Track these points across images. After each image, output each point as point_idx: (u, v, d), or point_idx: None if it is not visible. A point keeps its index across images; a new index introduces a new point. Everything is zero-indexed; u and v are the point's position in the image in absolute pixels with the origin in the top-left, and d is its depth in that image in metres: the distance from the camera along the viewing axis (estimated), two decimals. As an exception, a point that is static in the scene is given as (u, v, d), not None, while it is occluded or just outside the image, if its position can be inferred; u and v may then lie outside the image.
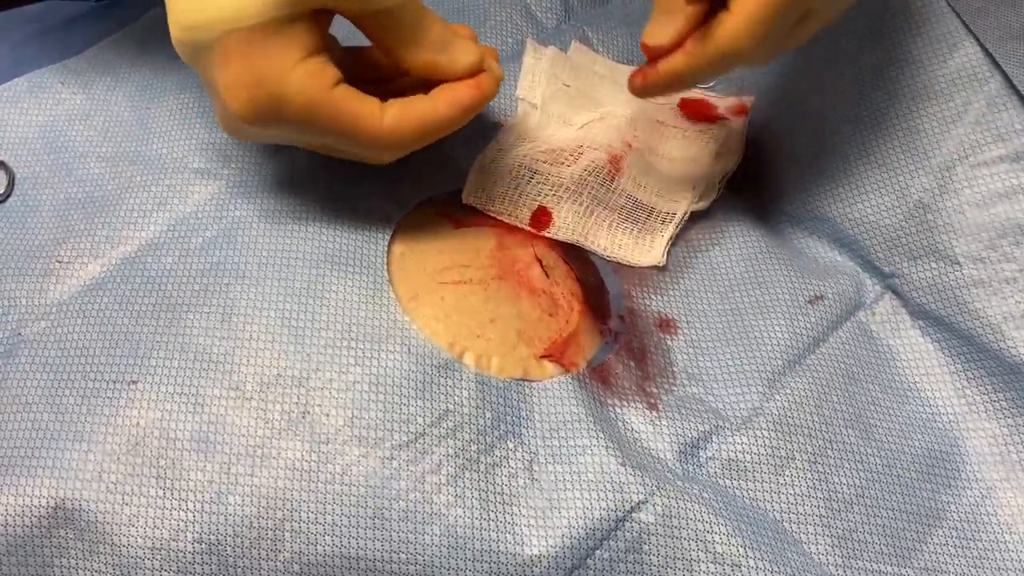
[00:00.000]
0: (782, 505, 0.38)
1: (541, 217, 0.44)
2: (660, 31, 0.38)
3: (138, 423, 0.35)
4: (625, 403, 0.40)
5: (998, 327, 0.40)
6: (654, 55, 0.38)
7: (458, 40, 0.38)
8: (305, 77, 0.34)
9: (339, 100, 0.35)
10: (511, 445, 0.37)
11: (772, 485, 0.38)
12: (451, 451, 0.36)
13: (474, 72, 0.38)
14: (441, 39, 0.37)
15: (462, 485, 0.36)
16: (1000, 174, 0.41)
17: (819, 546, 0.38)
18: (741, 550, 0.36)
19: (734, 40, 0.36)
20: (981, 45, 0.43)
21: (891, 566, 0.38)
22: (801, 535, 0.38)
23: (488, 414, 0.37)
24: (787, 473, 0.39)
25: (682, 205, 0.45)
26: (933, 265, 0.42)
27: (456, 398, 0.37)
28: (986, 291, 0.40)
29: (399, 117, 0.36)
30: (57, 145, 0.43)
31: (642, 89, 0.39)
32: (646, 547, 0.36)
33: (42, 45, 0.46)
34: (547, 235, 0.43)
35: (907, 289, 0.42)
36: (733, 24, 0.36)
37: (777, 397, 0.40)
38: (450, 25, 0.38)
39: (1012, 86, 0.42)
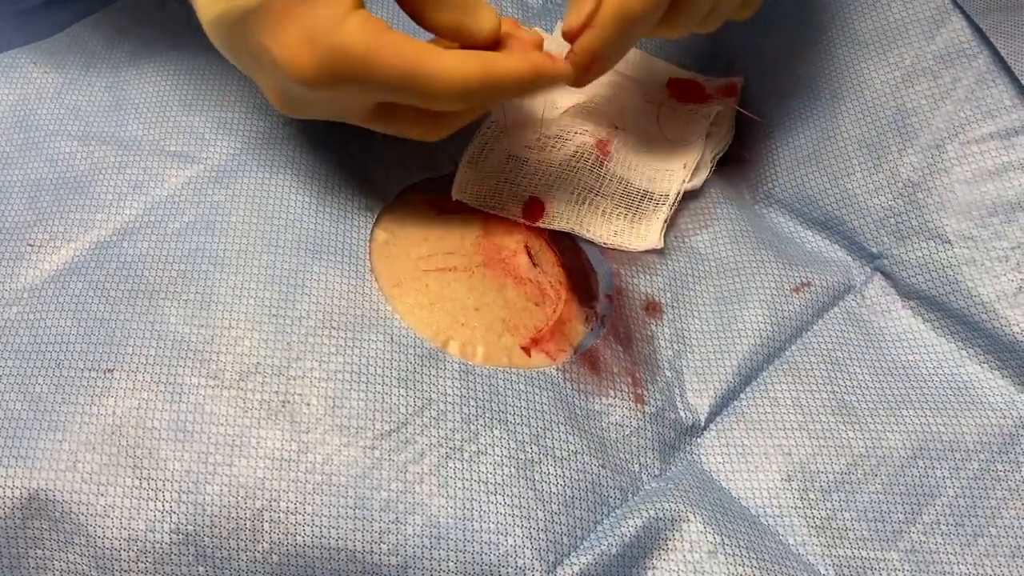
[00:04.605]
0: (756, 501, 0.38)
1: (533, 207, 0.43)
2: (574, 14, 0.38)
3: (114, 412, 0.35)
4: (612, 394, 0.39)
5: (991, 305, 0.40)
6: (572, 39, 0.38)
7: (481, 5, 0.38)
8: (358, 25, 0.34)
9: (397, 40, 0.35)
10: (497, 433, 0.37)
11: (745, 482, 0.39)
12: (435, 440, 0.36)
13: (496, 37, 0.38)
14: (466, 1, 0.37)
15: (445, 475, 0.35)
16: (990, 151, 0.41)
17: (797, 536, 0.37)
18: (717, 538, 0.36)
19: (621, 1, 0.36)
20: (969, 19, 0.42)
21: (874, 551, 0.37)
22: (778, 528, 0.38)
23: (473, 403, 0.37)
24: (760, 470, 0.39)
25: (675, 186, 0.44)
26: (924, 244, 0.41)
27: (440, 387, 0.37)
28: (978, 269, 0.40)
29: (460, 58, 0.35)
30: (26, 123, 0.42)
31: (574, 77, 0.39)
32: (628, 545, 0.36)
33: (17, 26, 0.45)
34: (541, 225, 0.43)
35: (897, 269, 0.42)
36: None
37: (754, 396, 0.40)
38: None
39: (1001, 61, 0.41)
